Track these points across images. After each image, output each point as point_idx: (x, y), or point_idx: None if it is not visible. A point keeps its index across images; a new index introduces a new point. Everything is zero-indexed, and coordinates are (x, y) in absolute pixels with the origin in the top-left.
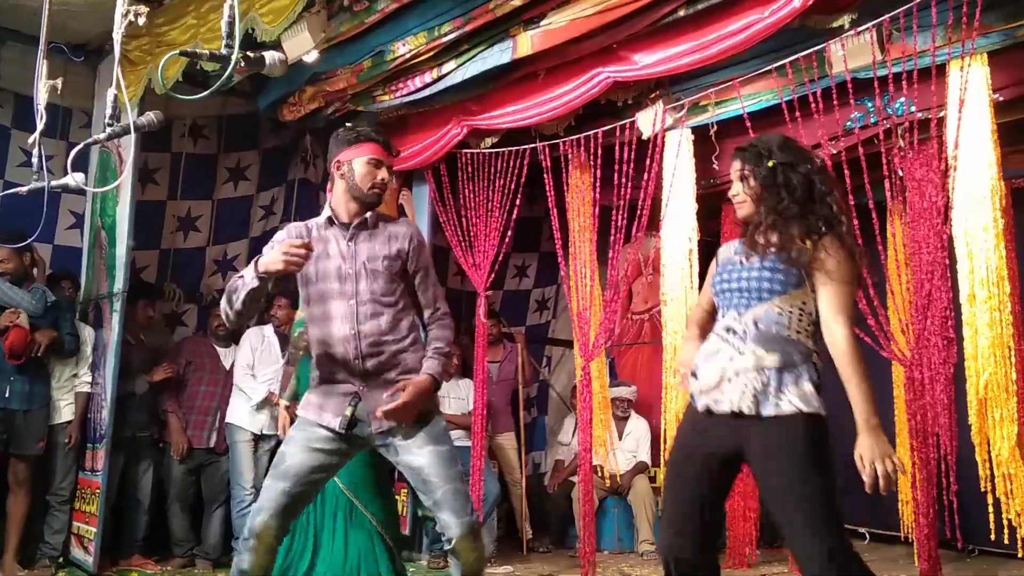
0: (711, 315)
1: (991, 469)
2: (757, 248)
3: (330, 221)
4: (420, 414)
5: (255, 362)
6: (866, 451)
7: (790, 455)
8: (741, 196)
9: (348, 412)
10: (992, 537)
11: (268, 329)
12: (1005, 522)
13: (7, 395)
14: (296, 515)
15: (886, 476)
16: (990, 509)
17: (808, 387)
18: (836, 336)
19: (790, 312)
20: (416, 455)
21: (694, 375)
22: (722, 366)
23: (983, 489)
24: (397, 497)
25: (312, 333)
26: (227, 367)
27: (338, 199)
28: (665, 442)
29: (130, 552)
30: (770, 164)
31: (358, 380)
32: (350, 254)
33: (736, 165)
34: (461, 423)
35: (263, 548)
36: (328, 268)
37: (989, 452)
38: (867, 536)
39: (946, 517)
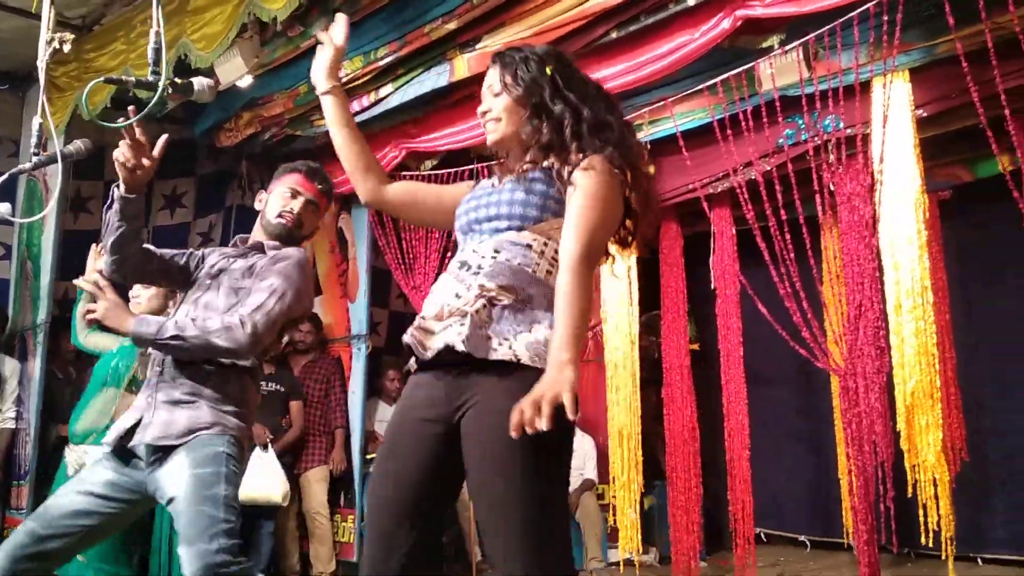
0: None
1: (918, 475)
2: (516, 168)
3: (242, 241)
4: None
5: None
6: (538, 388)
7: (501, 423)
8: (497, 113)
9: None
10: (923, 540)
11: None
12: (932, 526)
13: None
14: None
15: (533, 420)
16: (921, 513)
17: (547, 334)
18: (571, 255)
19: (545, 243)
20: (176, 479)
21: (421, 330)
22: (444, 302)
23: (910, 495)
24: (344, 523)
25: None
26: None
27: (256, 230)
28: (609, 459)
29: None
30: (548, 71)
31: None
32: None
33: (494, 75)
34: None
35: None
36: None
37: (917, 457)
38: (808, 544)
39: (882, 522)
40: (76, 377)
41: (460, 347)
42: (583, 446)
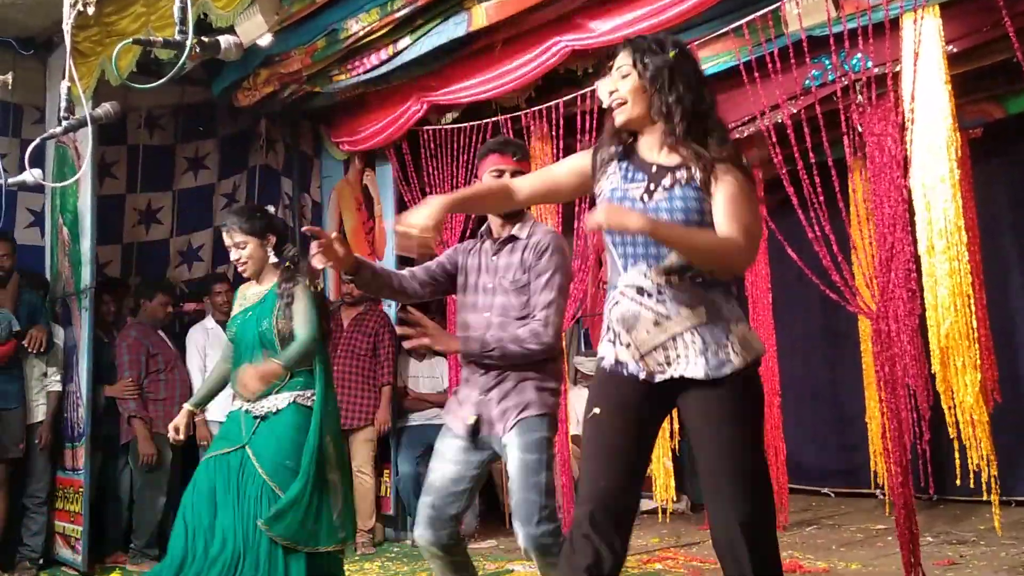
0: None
1: (956, 416)
2: (662, 174)
3: (487, 233)
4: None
5: (206, 361)
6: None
7: (733, 419)
8: (623, 94)
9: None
10: (958, 483)
11: (209, 321)
12: (972, 467)
13: None
14: (449, 524)
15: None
16: (956, 456)
17: (742, 329)
18: (728, 238)
19: None
20: (508, 458)
21: (617, 342)
22: (647, 331)
23: (950, 437)
24: (381, 479)
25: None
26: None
27: (490, 218)
28: None
29: (113, 549)
30: (671, 55)
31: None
32: (492, 269)
33: (623, 58)
34: (436, 401)
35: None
36: (476, 282)
37: (953, 399)
38: (832, 494)
39: (919, 466)
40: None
41: (704, 375)
42: None
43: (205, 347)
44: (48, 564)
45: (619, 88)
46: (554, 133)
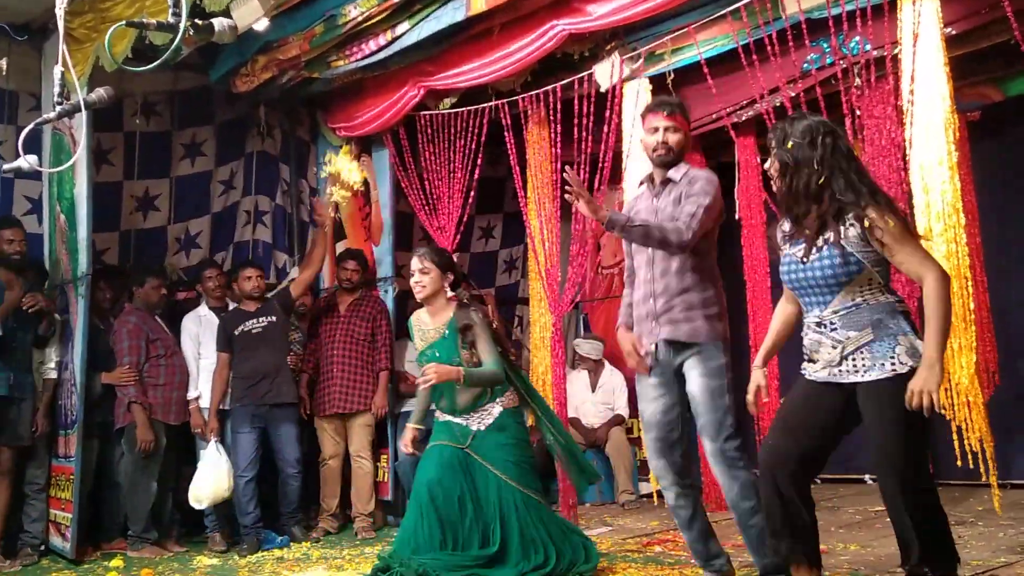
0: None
1: (952, 398)
2: (807, 241)
3: (649, 180)
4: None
5: (200, 349)
6: (916, 382)
7: (894, 414)
8: (772, 173)
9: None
10: (959, 464)
11: (203, 309)
12: (968, 449)
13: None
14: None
15: (921, 405)
16: (954, 437)
17: (909, 339)
18: (926, 282)
19: (860, 291)
20: (691, 383)
21: (811, 361)
22: (829, 355)
23: (947, 418)
24: (378, 464)
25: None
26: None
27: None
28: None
29: (111, 536)
30: (789, 145)
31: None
32: (652, 211)
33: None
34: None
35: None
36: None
37: (949, 381)
38: (818, 480)
39: None
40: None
41: (864, 379)
42: (613, 381)
43: (199, 335)
44: (50, 551)
45: (770, 167)
46: (551, 117)
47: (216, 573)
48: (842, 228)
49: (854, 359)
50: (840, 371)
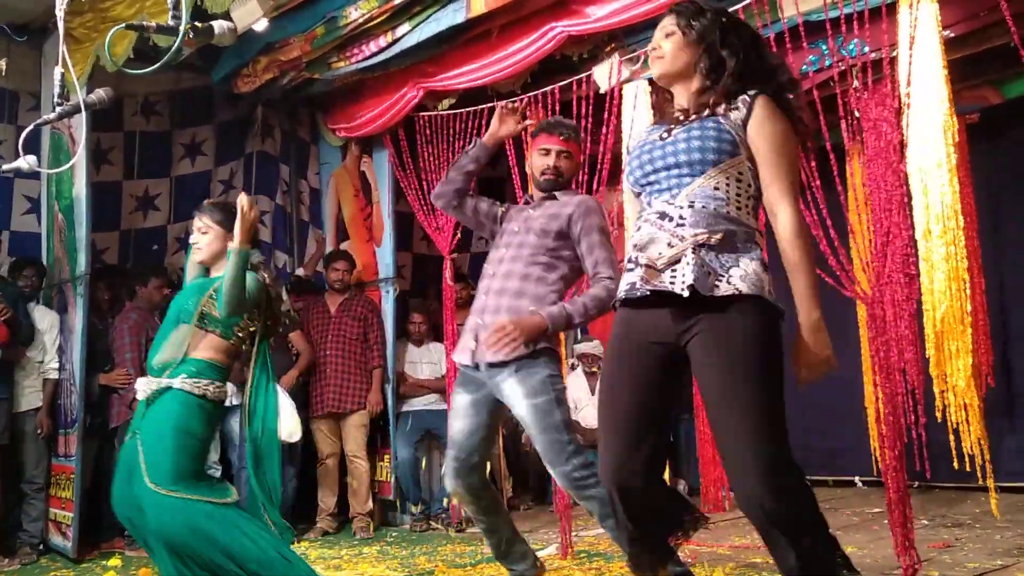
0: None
1: (948, 401)
2: (684, 114)
3: (527, 201)
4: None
5: None
6: (802, 353)
7: (731, 346)
8: (661, 51)
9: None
10: (955, 466)
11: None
12: (965, 452)
13: None
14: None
15: (810, 379)
16: (951, 440)
17: (753, 266)
18: (778, 219)
19: (727, 185)
20: (516, 406)
21: (631, 265)
22: (659, 251)
23: (940, 420)
24: (380, 464)
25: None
26: None
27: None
28: None
29: (111, 535)
30: (716, 19)
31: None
32: (525, 222)
33: (668, 20)
34: (434, 387)
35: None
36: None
37: (946, 383)
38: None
39: (915, 450)
40: (113, 327)
41: (684, 292)
42: None
43: None
44: (48, 550)
45: (661, 45)
46: (550, 119)
47: None
48: (727, 107)
49: (686, 264)
50: (660, 279)
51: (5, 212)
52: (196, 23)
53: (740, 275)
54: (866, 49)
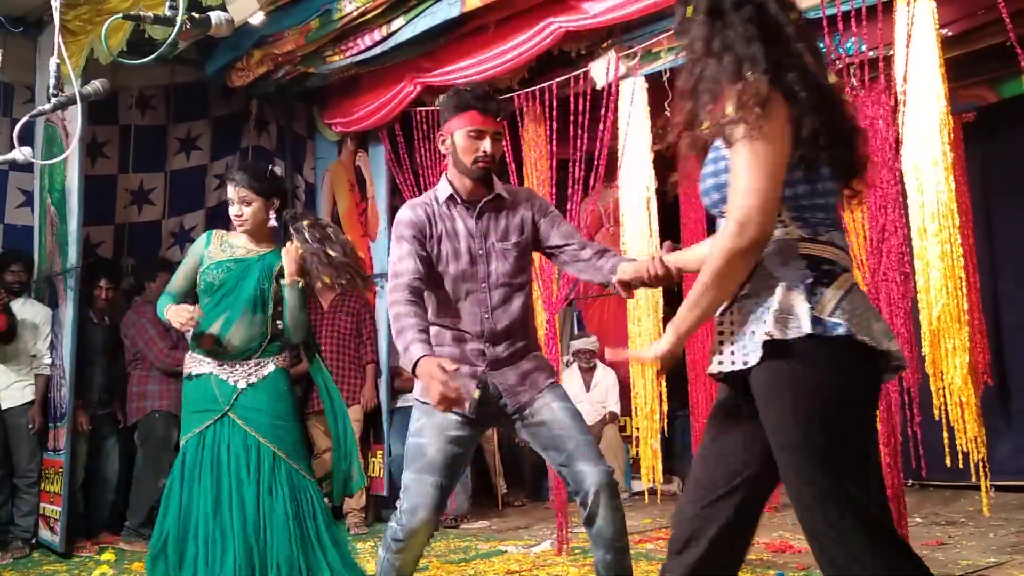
0: None
1: (944, 399)
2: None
3: (452, 199)
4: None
5: None
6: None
7: (779, 392)
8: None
9: (476, 394)
10: (948, 464)
11: None
12: (960, 450)
13: None
14: (444, 507)
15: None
16: (945, 438)
17: (793, 300)
18: (723, 225)
19: None
20: (544, 412)
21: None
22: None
23: (937, 419)
24: (373, 458)
25: (435, 314)
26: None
27: (453, 175)
28: (632, 391)
29: (99, 530)
30: (688, 12)
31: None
32: (479, 233)
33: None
34: None
35: (419, 546)
36: (458, 248)
37: (942, 381)
38: None
39: (910, 448)
40: (110, 322)
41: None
42: (605, 380)
43: None
44: (40, 544)
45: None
46: (547, 114)
47: None
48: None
49: (730, 334)
50: (722, 359)
51: (0, 204)
52: (193, 14)
53: (775, 318)
54: (863, 47)
